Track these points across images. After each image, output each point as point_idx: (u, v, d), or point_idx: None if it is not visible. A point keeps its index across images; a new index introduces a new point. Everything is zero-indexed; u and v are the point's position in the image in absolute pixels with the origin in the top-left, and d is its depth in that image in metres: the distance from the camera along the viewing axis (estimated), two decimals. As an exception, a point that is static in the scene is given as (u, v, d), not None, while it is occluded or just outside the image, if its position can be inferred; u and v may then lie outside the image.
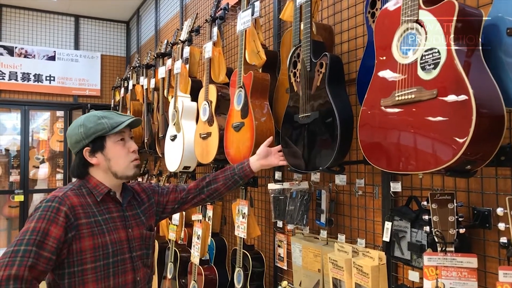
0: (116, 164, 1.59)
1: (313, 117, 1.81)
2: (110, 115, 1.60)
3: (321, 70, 1.79)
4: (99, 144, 1.58)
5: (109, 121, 1.57)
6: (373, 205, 2.05)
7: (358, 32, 2.15)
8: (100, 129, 1.56)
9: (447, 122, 1.18)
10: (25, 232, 1.38)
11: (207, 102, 2.77)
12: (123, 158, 1.60)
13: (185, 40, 3.42)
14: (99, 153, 1.58)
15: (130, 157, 1.62)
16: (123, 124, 1.59)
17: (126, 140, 1.63)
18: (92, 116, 1.59)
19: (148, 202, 1.78)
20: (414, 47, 1.30)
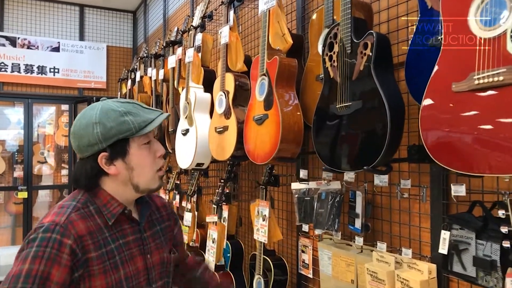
0: (139, 175, 1.23)
1: (355, 107, 1.55)
2: (134, 109, 1.20)
3: (365, 52, 1.52)
4: (121, 149, 1.20)
5: (135, 119, 1.19)
6: (418, 209, 1.78)
7: (400, 10, 1.87)
8: (124, 130, 1.17)
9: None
10: (17, 277, 1.02)
11: (224, 92, 2.51)
12: (149, 167, 1.24)
13: (198, 26, 3.16)
14: (120, 161, 1.20)
15: (156, 165, 1.26)
16: (154, 123, 1.21)
17: (151, 143, 1.26)
18: (111, 111, 1.17)
19: (167, 221, 1.44)
20: (502, 16, 1.02)
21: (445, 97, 1.14)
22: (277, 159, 1.99)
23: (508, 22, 1.01)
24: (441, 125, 1.15)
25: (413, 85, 1.54)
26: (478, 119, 1.06)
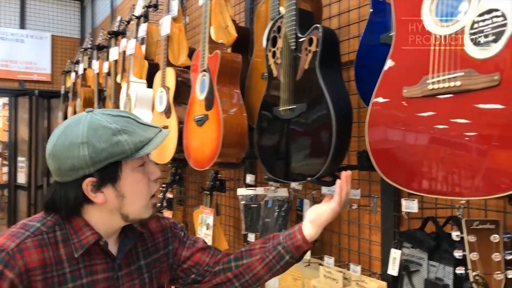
0: (131, 203, 1.02)
1: (299, 110, 1.38)
2: (129, 126, 0.99)
3: (310, 49, 1.35)
4: (112, 174, 0.99)
5: (131, 139, 0.98)
6: (369, 221, 1.65)
7: (352, 3, 1.72)
8: (118, 153, 0.97)
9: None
10: None
11: (164, 88, 2.29)
12: (143, 194, 1.03)
13: (141, 16, 2.91)
14: (109, 187, 0.99)
15: (151, 190, 1.05)
16: (153, 143, 1.01)
17: (146, 164, 1.05)
18: (101, 129, 0.97)
19: (164, 249, 1.19)
20: (460, 10, 0.87)
21: (395, 103, 0.99)
22: (219, 164, 1.81)
23: (466, 16, 0.86)
24: (390, 136, 1.00)
25: (364, 86, 1.39)
26: (431, 132, 0.91)
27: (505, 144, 0.78)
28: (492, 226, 1.01)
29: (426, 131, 0.91)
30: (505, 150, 0.78)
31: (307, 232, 1.14)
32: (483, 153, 0.81)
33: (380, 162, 1.03)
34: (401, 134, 0.97)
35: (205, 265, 1.20)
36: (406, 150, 0.96)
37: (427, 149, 0.91)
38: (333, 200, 1.14)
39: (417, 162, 0.93)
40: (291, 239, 1.15)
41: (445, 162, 0.87)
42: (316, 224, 1.14)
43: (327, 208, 1.14)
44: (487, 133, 0.80)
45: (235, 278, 1.18)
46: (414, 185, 0.93)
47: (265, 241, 1.20)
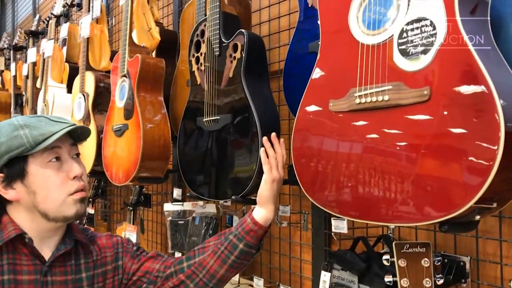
0: (45, 200, 0.97)
1: (224, 121, 1.26)
2: (36, 123, 0.98)
3: (234, 55, 1.24)
4: (17, 169, 0.97)
5: (32, 133, 0.96)
6: (300, 238, 1.56)
7: (283, 9, 1.64)
8: (15, 146, 0.95)
9: (451, 139, 0.69)
10: None
11: (83, 94, 2.09)
12: (55, 190, 0.98)
13: (60, 15, 2.67)
14: (19, 183, 0.97)
15: (68, 188, 0.98)
16: (55, 136, 0.96)
17: (63, 160, 0.99)
18: (6, 126, 0.98)
19: (111, 264, 1.09)
20: (388, 17, 0.80)
21: (321, 117, 0.90)
22: (139, 179, 1.65)
23: (395, 24, 0.78)
24: (314, 153, 0.90)
25: (292, 96, 1.30)
26: (358, 151, 0.82)
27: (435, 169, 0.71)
28: (422, 250, 0.95)
29: (352, 150, 0.83)
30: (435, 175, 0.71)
31: (257, 213, 1.04)
32: (413, 178, 0.73)
33: (304, 179, 0.94)
34: (326, 151, 0.88)
35: (155, 272, 1.09)
36: (331, 169, 0.87)
37: (353, 170, 0.82)
38: (264, 171, 1.04)
39: (342, 183, 0.84)
40: (241, 225, 1.05)
41: (372, 185, 0.78)
42: (262, 203, 1.05)
43: (263, 182, 1.05)
44: (418, 156, 0.73)
45: (188, 279, 1.07)
46: (338, 208, 0.85)
47: (219, 235, 1.11)
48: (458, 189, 0.67)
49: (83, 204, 1.02)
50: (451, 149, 0.69)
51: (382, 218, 0.76)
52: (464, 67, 0.69)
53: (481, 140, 0.66)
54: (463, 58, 0.69)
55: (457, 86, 0.69)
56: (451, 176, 0.68)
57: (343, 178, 0.83)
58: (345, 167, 0.84)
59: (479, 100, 0.66)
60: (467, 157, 0.66)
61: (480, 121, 0.66)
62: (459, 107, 0.69)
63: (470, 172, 0.66)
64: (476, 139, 0.66)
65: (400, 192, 0.74)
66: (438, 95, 0.72)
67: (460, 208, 0.66)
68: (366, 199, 0.79)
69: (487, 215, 0.74)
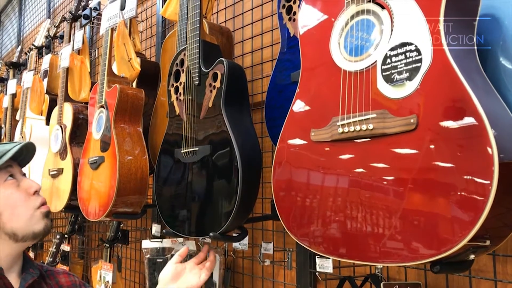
0: (12, 218, 0.95)
1: (202, 153, 1.20)
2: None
3: (214, 84, 1.19)
4: None
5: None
6: (284, 278, 1.47)
7: (265, 41, 1.61)
8: None
9: (440, 172, 0.64)
10: None
11: (60, 126, 2.02)
12: (21, 206, 0.96)
13: (41, 47, 2.63)
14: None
15: (32, 202, 0.98)
16: (8, 153, 0.96)
17: (19, 179, 1.00)
18: None
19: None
20: (371, 43, 0.76)
21: (302, 149, 0.84)
22: (114, 215, 1.56)
23: (378, 50, 0.75)
24: (295, 186, 0.84)
25: (274, 128, 1.26)
26: (342, 184, 0.76)
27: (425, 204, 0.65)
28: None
29: (336, 183, 0.77)
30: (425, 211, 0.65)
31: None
32: (400, 214, 0.67)
33: (285, 215, 0.87)
34: (308, 184, 0.82)
35: None
36: (313, 204, 0.81)
37: (337, 205, 0.76)
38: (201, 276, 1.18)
39: (325, 219, 0.78)
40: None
41: (357, 221, 0.72)
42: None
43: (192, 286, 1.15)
44: (405, 190, 0.67)
45: None
46: (322, 246, 0.78)
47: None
48: (450, 226, 0.61)
49: (49, 219, 1.01)
50: (441, 183, 0.63)
51: (369, 257, 0.70)
52: (452, 94, 0.64)
53: (472, 174, 0.61)
54: (450, 85, 0.65)
55: (446, 115, 0.65)
56: (442, 212, 0.62)
57: (326, 214, 0.77)
58: (328, 202, 0.78)
59: (470, 131, 0.62)
60: (459, 192, 0.61)
61: (471, 153, 0.61)
62: (448, 138, 0.64)
63: (463, 208, 0.60)
64: (467, 173, 0.61)
65: (388, 229, 0.68)
66: (426, 124, 0.67)
67: (453, 246, 0.60)
68: (351, 237, 0.73)
69: (482, 253, 0.68)
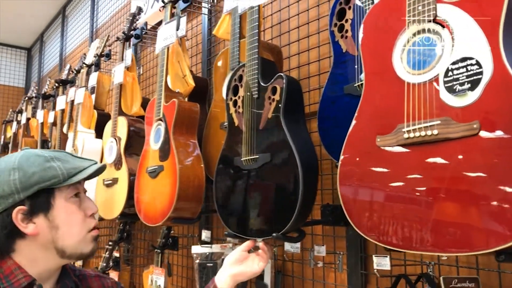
0: (66, 235, 0.97)
1: (262, 160, 1.30)
2: (63, 156, 0.99)
3: (273, 97, 1.30)
4: (43, 201, 0.94)
5: (64, 166, 0.96)
6: (334, 280, 1.55)
7: (312, 56, 1.72)
8: (49, 177, 0.94)
9: (502, 170, 0.72)
10: None
11: (115, 139, 2.16)
12: (77, 226, 0.98)
13: (91, 65, 2.81)
14: (41, 217, 0.94)
15: (88, 224, 1.01)
16: (87, 170, 0.98)
17: (82, 198, 1.02)
18: (34, 156, 0.96)
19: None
20: (433, 58, 0.85)
21: (368, 153, 0.94)
22: (173, 220, 1.67)
23: (440, 64, 0.84)
24: (364, 187, 0.94)
25: (328, 137, 1.35)
26: (408, 182, 0.85)
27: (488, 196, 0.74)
28: (471, 285, 0.96)
29: (402, 182, 0.86)
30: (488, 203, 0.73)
31: (221, 282, 1.15)
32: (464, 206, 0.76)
33: (353, 215, 0.96)
34: (375, 185, 0.91)
35: None
36: (381, 202, 0.90)
37: (404, 201, 0.85)
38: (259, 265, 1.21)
39: (394, 215, 0.86)
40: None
41: (425, 215, 0.81)
42: (235, 280, 1.17)
43: (251, 271, 1.20)
44: (471, 186, 0.76)
45: None
46: (393, 240, 0.87)
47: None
48: None
49: (96, 242, 1.04)
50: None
51: (442, 248, 0.78)
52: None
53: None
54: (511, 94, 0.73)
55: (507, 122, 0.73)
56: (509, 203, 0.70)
57: (395, 209, 0.86)
58: (394, 199, 0.87)
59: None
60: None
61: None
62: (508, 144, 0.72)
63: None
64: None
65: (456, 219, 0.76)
66: (487, 129, 0.76)
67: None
68: (421, 229, 0.82)
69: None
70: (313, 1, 1.74)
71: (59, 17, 4.92)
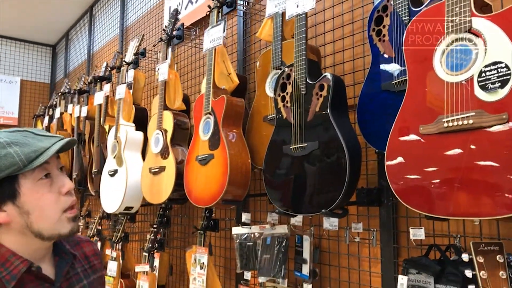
0: (39, 219, 0.94)
1: (311, 148, 1.51)
2: (23, 139, 0.94)
3: (321, 93, 1.51)
4: (8, 189, 0.92)
5: (22, 150, 0.92)
6: (369, 254, 1.76)
7: (346, 56, 1.92)
8: (7, 166, 0.90)
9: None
10: None
11: (161, 131, 2.37)
12: (50, 208, 0.96)
13: (131, 62, 3.02)
14: (10, 204, 0.93)
15: (62, 203, 0.98)
16: (48, 152, 0.94)
17: (53, 176, 0.98)
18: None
19: (100, 271, 1.16)
20: (468, 62, 1.05)
21: (412, 139, 1.14)
22: (223, 201, 1.88)
23: (474, 67, 1.04)
24: (409, 168, 1.14)
25: (367, 128, 1.55)
26: (448, 162, 1.06)
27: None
28: (496, 248, 1.15)
29: (442, 161, 1.06)
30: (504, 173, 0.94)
31: None
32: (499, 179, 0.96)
33: (400, 190, 1.16)
34: (420, 165, 1.12)
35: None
36: (424, 178, 1.10)
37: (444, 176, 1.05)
38: None
39: (436, 188, 1.07)
40: None
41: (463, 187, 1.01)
42: None
43: None
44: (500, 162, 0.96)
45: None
46: (438, 210, 1.07)
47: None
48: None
49: (76, 222, 1.01)
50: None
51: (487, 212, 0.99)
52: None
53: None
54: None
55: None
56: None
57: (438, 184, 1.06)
58: (436, 176, 1.07)
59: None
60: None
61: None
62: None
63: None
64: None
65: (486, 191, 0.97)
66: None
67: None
68: (457, 200, 1.02)
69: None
70: (347, 6, 1.93)
71: (86, 16, 5.14)
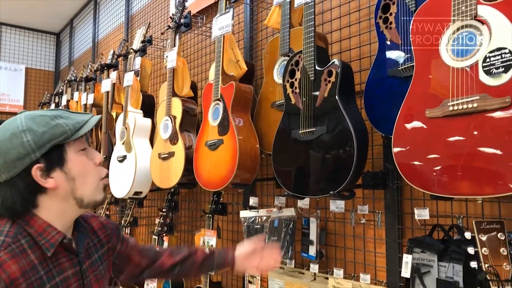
0: (83, 185, 1.05)
1: (319, 132, 1.56)
2: (65, 114, 1.05)
3: (329, 79, 1.55)
4: (57, 157, 1.01)
5: (68, 121, 1.02)
6: (374, 235, 1.82)
7: (353, 43, 1.96)
8: (59, 134, 1.00)
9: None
10: None
11: (170, 117, 2.42)
12: (91, 175, 1.07)
13: (138, 50, 3.05)
14: (58, 171, 1.01)
15: (99, 173, 1.09)
16: (89, 124, 1.05)
17: (88, 150, 1.09)
18: (38, 117, 1.02)
19: (107, 244, 1.24)
20: (473, 48, 1.10)
21: (419, 122, 1.19)
22: (233, 185, 1.94)
23: (479, 53, 1.09)
24: (415, 150, 1.19)
25: (374, 113, 1.60)
26: (453, 144, 1.11)
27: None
28: (497, 226, 1.21)
29: (448, 144, 1.12)
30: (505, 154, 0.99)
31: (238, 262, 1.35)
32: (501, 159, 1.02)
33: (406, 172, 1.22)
34: (426, 148, 1.17)
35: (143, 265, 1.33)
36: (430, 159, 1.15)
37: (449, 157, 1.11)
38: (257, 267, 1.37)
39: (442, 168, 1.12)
40: (223, 261, 1.36)
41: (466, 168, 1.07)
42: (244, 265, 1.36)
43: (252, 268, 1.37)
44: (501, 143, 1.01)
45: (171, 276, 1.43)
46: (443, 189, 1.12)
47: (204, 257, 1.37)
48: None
49: (106, 192, 1.12)
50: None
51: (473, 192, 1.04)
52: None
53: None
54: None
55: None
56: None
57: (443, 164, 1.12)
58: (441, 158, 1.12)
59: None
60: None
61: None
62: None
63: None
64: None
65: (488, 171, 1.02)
66: (517, 102, 1.01)
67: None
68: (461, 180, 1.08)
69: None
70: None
71: (90, 4, 5.15)
